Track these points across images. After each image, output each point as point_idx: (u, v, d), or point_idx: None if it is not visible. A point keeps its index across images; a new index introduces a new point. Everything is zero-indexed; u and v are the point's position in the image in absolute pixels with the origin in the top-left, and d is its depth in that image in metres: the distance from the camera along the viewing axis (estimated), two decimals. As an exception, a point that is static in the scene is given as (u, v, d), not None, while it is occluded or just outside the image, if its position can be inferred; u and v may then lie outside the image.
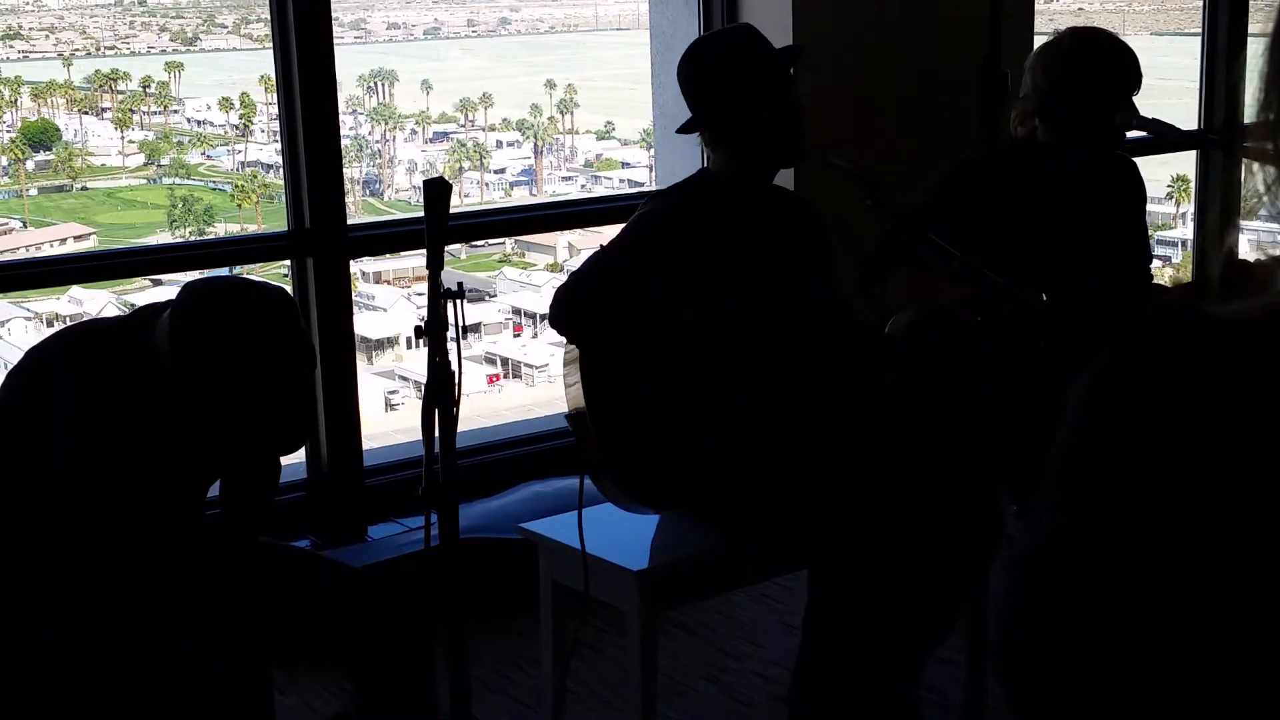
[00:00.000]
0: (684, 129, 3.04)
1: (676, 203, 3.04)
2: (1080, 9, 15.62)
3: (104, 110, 18.13)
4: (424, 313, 2.34)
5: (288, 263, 4.00)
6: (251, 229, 15.97)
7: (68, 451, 2.43)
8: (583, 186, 18.27)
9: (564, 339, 2.99)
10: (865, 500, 2.90)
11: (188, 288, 2.48)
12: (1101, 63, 3.22)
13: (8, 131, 17.51)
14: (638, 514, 3.07)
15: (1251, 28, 5.45)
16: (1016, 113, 3.34)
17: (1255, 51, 0.97)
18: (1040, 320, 2.82)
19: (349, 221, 3.98)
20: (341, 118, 3.93)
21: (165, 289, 14.50)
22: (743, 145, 3.00)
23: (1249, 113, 0.96)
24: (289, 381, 2.47)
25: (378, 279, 16.51)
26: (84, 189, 17.38)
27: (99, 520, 2.47)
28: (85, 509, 2.45)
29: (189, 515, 2.68)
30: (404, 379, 14.99)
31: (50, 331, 2.62)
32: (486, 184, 18.67)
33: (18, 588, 2.45)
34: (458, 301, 2.33)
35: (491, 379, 15.39)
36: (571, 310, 2.93)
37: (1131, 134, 3.40)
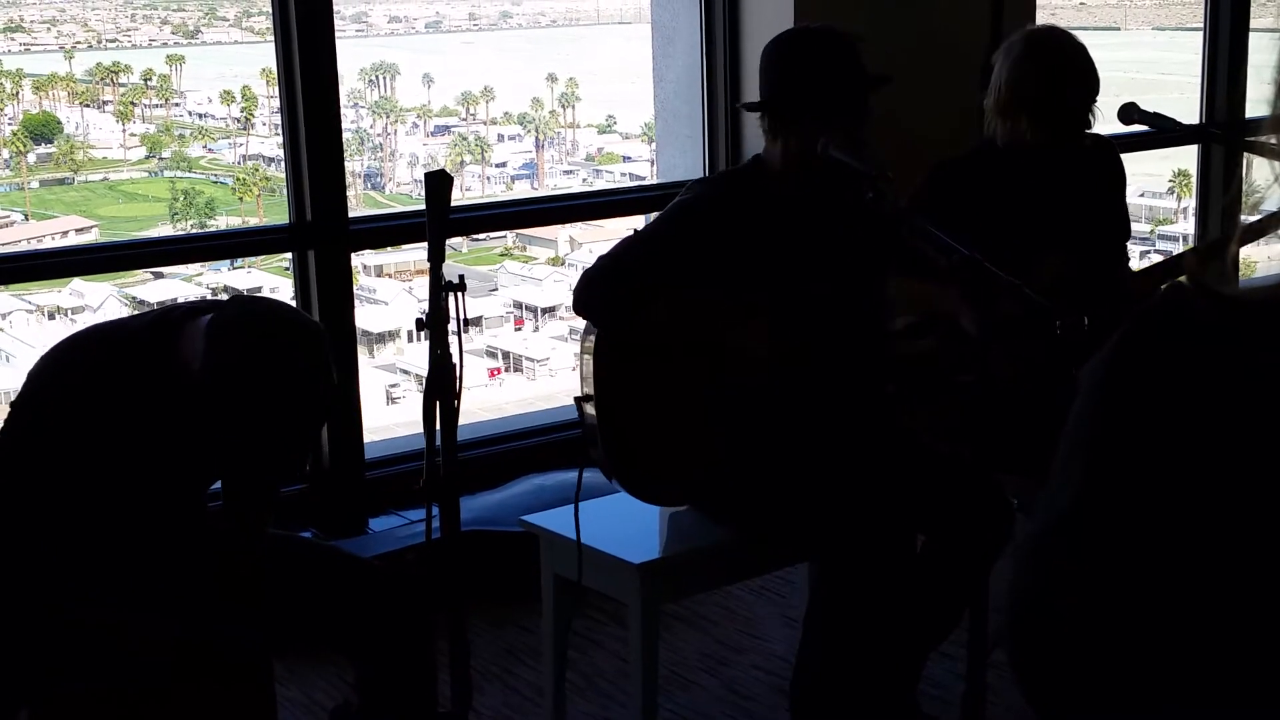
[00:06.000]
0: (750, 107, 3.08)
1: (726, 190, 3.02)
2: (1081, 3, 15.57)
3: (105, 103, 18.09)
4: (425, 306, 2.34)
5: (289, 256, 4.00)
6: (253, 222, 15.95)
7: (81, 449, 2.44)
8: (584, 180, 18.23)
9: (585, 322, 2.97)
10: (871, 494, 2.90)
11: (235, 303, 2.50)
12: (1078, 59, 3.23)
13: (9, 124, 17.47)
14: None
15: (1254, 22, 5.45)
16: (994, 108, 3.31)
17: (1258, 46, 0.97)
18: (1041, 318, 2.81)
19: (350, 214, 3.98)
20: (343, 111, 3.93)
21: (167, 281, 14.49)
22: (804, 145, 2.97)
23: (1252, 108, 0.97)
24: (308, 418, 2.50)
25: (379, 272, 16.47)
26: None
27: (106, 512, 2.48)
28: (94, 503, 2.46)
29: (191, 508, 2.69)
30: (405, 372, 14.95)
31: (52, 324, 2.64)
32: (488, 177, 18.63)
33: (27, 579, 2.46)
34: (459, 294, 2.34)
35: (493, 373, 15.36)
36: (598, 293, 2.90)
37: (1133, 128, 3.40)
